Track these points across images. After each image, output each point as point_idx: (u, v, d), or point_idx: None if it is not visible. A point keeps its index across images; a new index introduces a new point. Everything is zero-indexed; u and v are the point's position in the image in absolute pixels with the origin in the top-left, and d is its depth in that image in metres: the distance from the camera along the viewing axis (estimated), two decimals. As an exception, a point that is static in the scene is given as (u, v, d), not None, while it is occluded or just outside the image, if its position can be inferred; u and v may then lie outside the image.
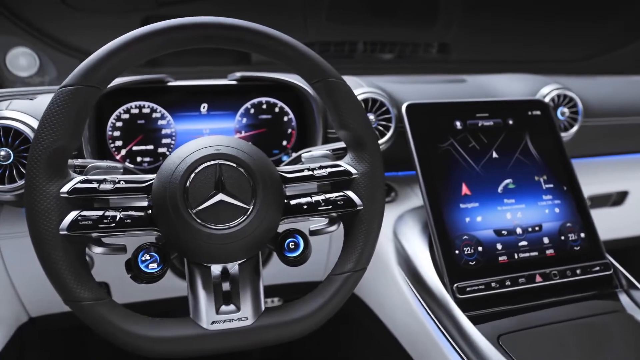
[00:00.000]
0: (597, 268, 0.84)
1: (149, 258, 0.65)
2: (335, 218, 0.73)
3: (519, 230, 0.85)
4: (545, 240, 0.85)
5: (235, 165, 0.64)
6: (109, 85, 0.94)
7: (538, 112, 0.96)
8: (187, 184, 0.62)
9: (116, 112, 0.99)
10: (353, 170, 0.70)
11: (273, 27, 1.28)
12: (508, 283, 0.79)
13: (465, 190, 0.86)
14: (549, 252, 0.84)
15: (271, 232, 0.67)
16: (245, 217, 0.63)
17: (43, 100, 0.86)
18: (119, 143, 0.99)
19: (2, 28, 1.03)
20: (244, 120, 1.05)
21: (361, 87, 0.96)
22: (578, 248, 0.86)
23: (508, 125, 0.94)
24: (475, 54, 1.48)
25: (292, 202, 0.69)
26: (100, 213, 0.63)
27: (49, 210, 0.61)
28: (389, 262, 0.90)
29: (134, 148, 0.99)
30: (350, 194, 0.69)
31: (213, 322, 0.63)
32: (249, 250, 0.66)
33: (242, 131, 1.05)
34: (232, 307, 0.66)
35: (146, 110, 1.00)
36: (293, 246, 0.69)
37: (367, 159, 0.71)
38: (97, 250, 0.69)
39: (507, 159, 0.90)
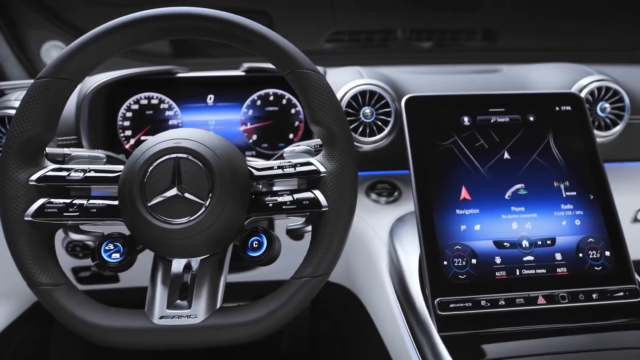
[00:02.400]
0: (621, 294, 0.71)
1: (112, 248, 0.66)
2: (309, 217, 0.69)
3: (525, 243, 0.74)
4: (558, 256, 0.74)
5: (193, 159, 0.62)
6: (120, 76, 0.97)
7: (568, 108, 0.83)
8: (145, 177, 0.61)
9: (126, 103, 1.02)
10: (322, 169, 0.65)
11: (298, 15, 1.24)
12: (502, 302, 0.69)
13: (464, 194, 0.77)
14: (561, 270, 0.73)
15: (233, 228, 0.65)
16: (201, 212, 0.61)
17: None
18: (128, 133, 1.02)
19: (37, 23, 1.11)
20: (250, 112, 1.03)
21: (360, 79, 0.89)
22: (599, 268, 0.73)
23: (528, 122, 0.82)
24: (526, 42, 1.32)
25: (260, 199, 0.66)
26: (68, 201, 0.65)
27: (16, 196, 0.63)
28: (381, 268, 0.83)
29: (142, 138, 1.02)
30: (317, 193, 0.65)
31: (162, 317, 0.62)
32: (209, 246, 0.65)
33: (248, 123, 1.03)
34: (185, 303, 0.64)
35: (155, 101, 1.02)
36: (256, 245, 0.66)
37: (337, 157, 0.66)
38: (74, 237, 0.71)
39: (521, 161, 0.79)
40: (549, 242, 0.74)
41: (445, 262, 0.72)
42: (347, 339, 1.18)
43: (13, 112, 0.84)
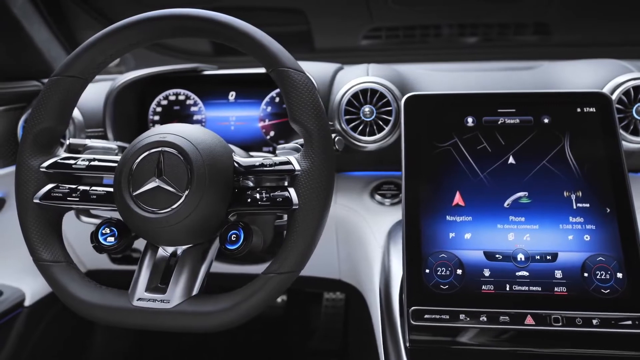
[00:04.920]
0: (629, 322, 0.62)
1: (108, 232, 0.71)
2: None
3: (520, 257, 0.68)
4: (558, 274, 0.66)
5: (176, 152, 0.65)
6: (148, 73, 1.04)
7: (592, 109, 0.74)
8: (133, 168, 0.66)
9: (157, 99, 1.09)
10: (297, 167, 0.66)
11: (333, 12, 1.25)
12: (483, 319, 0.64)
13: (458, 199, 0.72)
14: (559, 290, 0.65)
15: (213, 220, 0.67)
16: (178, 203, 0.64)
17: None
18: (158, 126, 1.09)
19: (89, 25, 1.22)
20: (269, 108, 1.05)
21: (363, 77, 0.87)
22: (607, 291, 0.64)
23: (541, 124, 0.74)
24: (583, 36, 1.18)
25: (242, 194, 0.68)
26: (73, 187, 0.72)
27: (28, 180, 0.71)
28: (374, 271, 0.81)
29: (169, 132, 1.08)
30: (292, 191, 0.65)
31: (139, 299, 0.67)
32: (190, 237, 0.68)
33: (266, 119, 1.06)
34: (163, 288, 0.68)
35: (182, 97, 1.08)
36: (234, 238, 0.68)
37: (311, 156, 0.66)
38: (85, 219, 0.78)
39: (527, 167, 0.72)
40: (549, 257, 0.67)
41: (427, 270, 0.68)
42: (360, 338, 1.17)
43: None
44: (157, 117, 1.09)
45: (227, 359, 1.54)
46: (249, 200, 0.67)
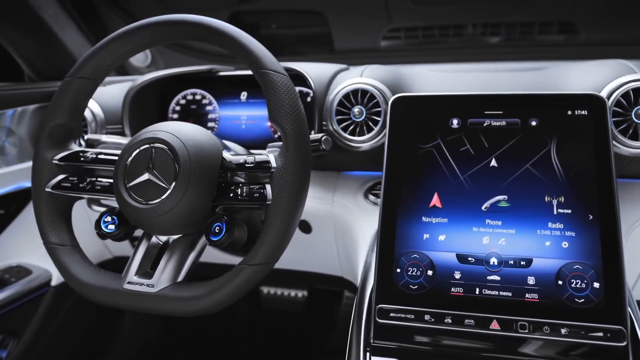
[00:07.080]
0: (600, 334, 0.59)
1: (109, 220, 0.78)
2: None
3: (493, 261, 0.67)
4: (530, 280, 0.65)
5: (165, 148, 0.71)
6: (166, 74, 1.11)
7: (584, 112, 0.71)
8: (128, 163, 0.72)
9: (176, 98, 1.16)
10: (274, 164, 0.69)
11: (352, 13, 1.30)
12: (448, 320, 0.64)
13: (435, 201, 0.72)
14: (530, 296, 0.64)
15: (197, 212, 0.71)
16: (165, 195, 0.69)
17: (108, 89, 1.08)
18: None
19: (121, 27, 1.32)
20: (277, 108, 1.09)
21: (354, 78, 0.88)
22: (581, 301, 0.62)
23: (528, 127, 0.72)
24: (612, 35, 1.11)
25: (227, 188, 0.72)
26: (82, 178, 0.79)
27: (41, 171, 0.79)
28: (359, 269, 0.82)
29: (184, 130, 1.15)
30: (267, 187, 0.69)
31: (129, 282, 0.72)
32: (178, 227, 0.72)
33: (274, 119, 1.09)
34: (151, 273, 0.74)
35: (198, 97, 1.15)
36: (218, 230, 0.72)
37: (285, 155, 0.69)
38: (96, 208, 0.86)
39: (509, 170, 0.71)
40: (523, 263, 0.66)
41: (398, 270, 0.69)
42: None
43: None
44: (176, 116, 1.16)
45: (248, 350, 1.60)
46: (231, 195, 0.71)
